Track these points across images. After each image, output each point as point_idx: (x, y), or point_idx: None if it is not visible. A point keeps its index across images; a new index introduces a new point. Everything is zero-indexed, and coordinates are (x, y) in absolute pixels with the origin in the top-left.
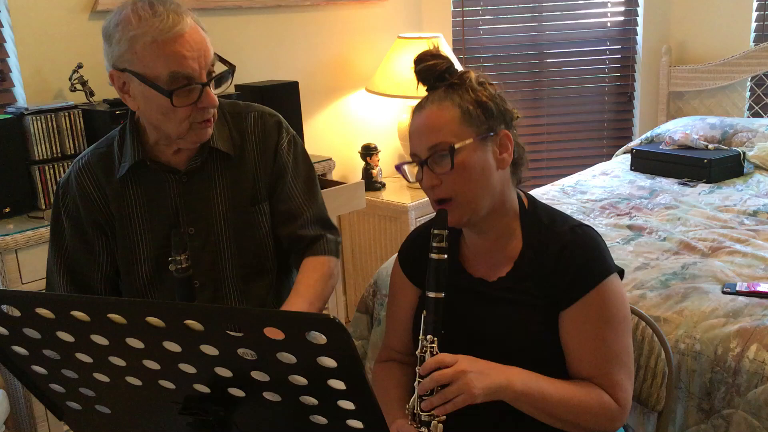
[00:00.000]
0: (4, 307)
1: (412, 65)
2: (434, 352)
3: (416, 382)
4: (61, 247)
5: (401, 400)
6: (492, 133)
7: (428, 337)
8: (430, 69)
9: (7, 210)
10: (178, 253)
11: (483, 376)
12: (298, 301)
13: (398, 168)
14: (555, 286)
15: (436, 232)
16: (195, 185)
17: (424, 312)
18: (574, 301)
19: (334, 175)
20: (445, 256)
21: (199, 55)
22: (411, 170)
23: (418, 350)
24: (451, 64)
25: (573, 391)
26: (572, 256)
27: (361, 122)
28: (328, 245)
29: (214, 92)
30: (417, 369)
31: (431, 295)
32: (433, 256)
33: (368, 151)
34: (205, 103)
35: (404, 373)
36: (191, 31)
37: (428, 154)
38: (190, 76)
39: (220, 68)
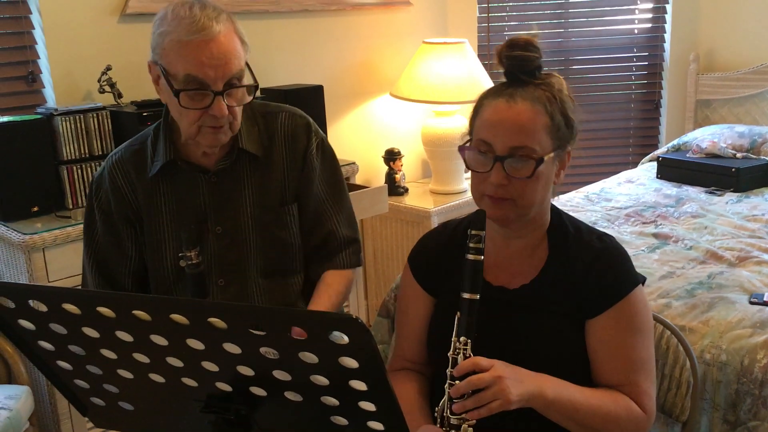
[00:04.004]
0: (32, 302)
1: (501, 48)
2: (467, 355)
3: (447, 385)
4: (93, 241)
5: (423, 408)
6: (561, 150)
7: (461, 339)
8: (525, 60)
9: (36, 209)
10: (188, 249)
11: (518, 382)
12: (322, 301)
13: (461, 150)
14: (583, 295)
15: (473, 232)
16: (224, 185)
17: (458, 313)
18: (603, 311)
19: (358, 179)
20: (482, 257)
21: (218, 64)
22: (470, 156)
23: (450, 352)
24: (542, 62)
25: (601, 400)
26: (604, 266)
27: (385, 127)
28: (350, 258)
29: (233, 104)
30: (448, 371)
31: (466, 296)
32: (470, 256)
33: (392, 156)
34: (214, 112)
35: (421, 382)
36: (218, 40)
37: (508, 153)
38: (204, 82)
39: (260, 77)
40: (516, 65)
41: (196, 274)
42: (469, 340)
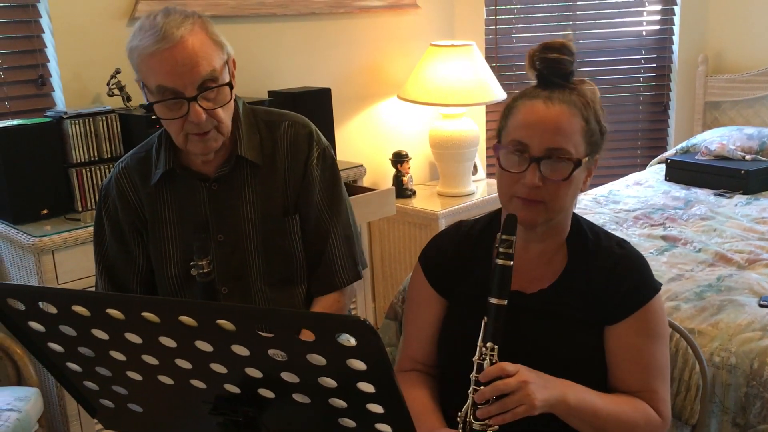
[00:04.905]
0: (41, 304)
1: (535, 49)
2: (494, 360)
3: (471, 390)
4: (102, 249)
5: (436, 411)
6: (592, 157)
7: (488, 344)
8: (560, 63)
9: (45, 211)
10: (200, 258)
11: (542, 388)
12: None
13: (496, 149)
14: (603, 302)
15: (504, 237)
16: (224, 193)
17: (485, 318)
18: (624, 318)
19: (365, 182)
20: (511, 262)
21: (185, 71)
22: (504, 156)
23: (476, 357)
24: (575, 66)
25: (621, 406)
26: (624, 273)
27: (392, 129)
28: (347, 275)
29: (211, 106)
30: (473, 376)
31: (494, 301)
32: (500, 261)
33: (399, 159)
34: (192, 118)
35: (430, 384)
36: (182, 45)
37: (545, 155)
38: (175, 90)
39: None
40: (550, 68)
41: (207, 282)
42: (496, 346)
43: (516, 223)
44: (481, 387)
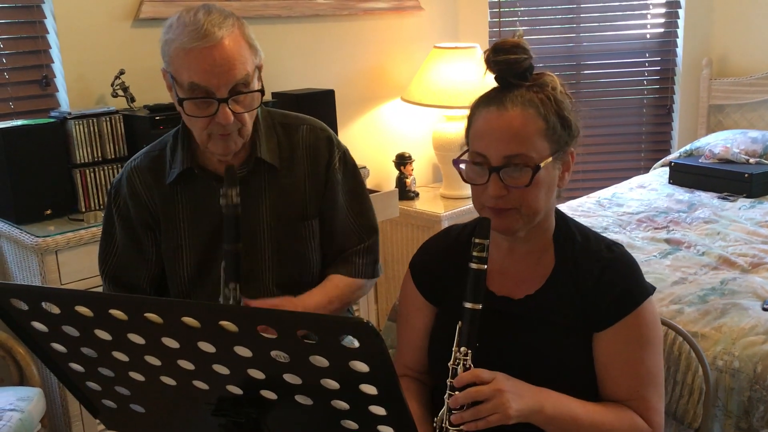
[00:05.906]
0: (44, 305)
1: (487, 53)
2: (467, 365)
3: (446, 395)
4: (112, 246)
5: (421, 418)
6: (562, 152)
7: (462, 349)
8: (512, 63)
9: (49, 212)
10: (229, 187)
11: (518, 397)
12: (317, 293)
13: (456, 163)
14: (591, 307)
15: (477, 241)
16: (241, 194)
17: (459, 323)
18: (612, 323)
19: (368, 184)
20: (485, 266)
21: (221, 72)
22: (466, 169)
23: (450, 362)
24: (533, 62)
25: (605, 415)
26: (613, 278)
27: (395, 131)
28: (365, 268)
29: (240, 110)
30: (449, 381)
31: (468, 305)
32: (473, 265)
33: (402, 161)
34: (220, 119)
35: (422, 391)
36: (221, 46)
37: (503, 163)
38: (208, 89)
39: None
40: (504, 69)
41: (234, 216)
42: (470, 351)
43: (489, 227)
44: (457, 392)
